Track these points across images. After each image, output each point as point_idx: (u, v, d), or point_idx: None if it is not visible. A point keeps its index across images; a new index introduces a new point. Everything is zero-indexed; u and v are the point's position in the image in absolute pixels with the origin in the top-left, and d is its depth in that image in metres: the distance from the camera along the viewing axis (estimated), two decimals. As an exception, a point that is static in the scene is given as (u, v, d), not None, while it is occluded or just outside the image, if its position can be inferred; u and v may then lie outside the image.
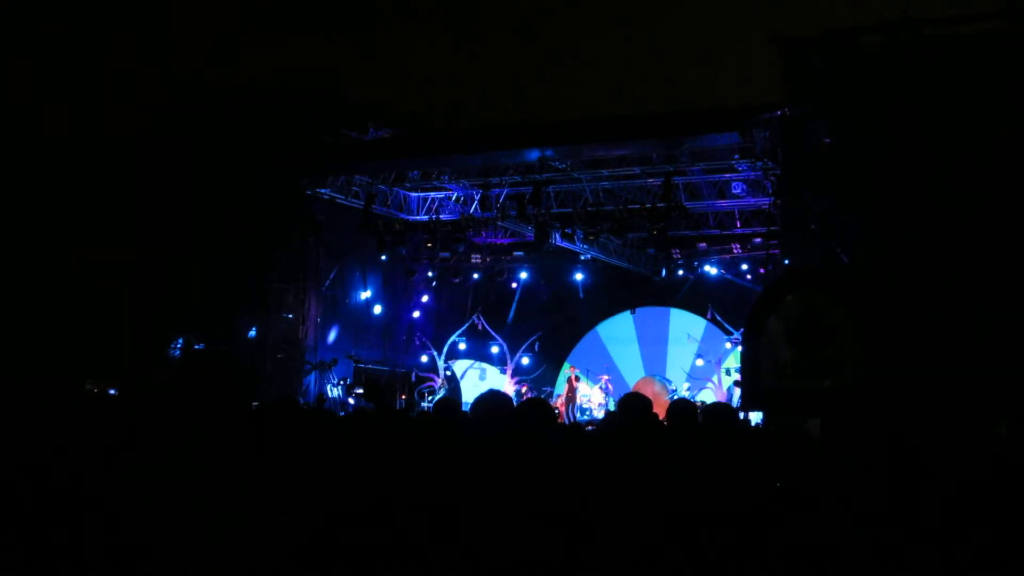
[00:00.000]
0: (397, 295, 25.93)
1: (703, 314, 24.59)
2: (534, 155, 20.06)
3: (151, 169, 21.17)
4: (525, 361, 25.94)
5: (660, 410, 6.31)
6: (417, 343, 26.31)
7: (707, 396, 23.10)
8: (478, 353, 26.52)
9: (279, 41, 22.81)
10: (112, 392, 16.50)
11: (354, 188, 22.49)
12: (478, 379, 26.11)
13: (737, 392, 21.07)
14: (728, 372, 23.27)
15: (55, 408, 6.90)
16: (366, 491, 5.56)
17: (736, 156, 19.13)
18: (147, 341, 20.26)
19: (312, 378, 22.51)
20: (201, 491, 4.38)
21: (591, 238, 22.34)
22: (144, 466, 4.43)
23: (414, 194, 23.78)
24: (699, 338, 24.78)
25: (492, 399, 5.31)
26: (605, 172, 20.74)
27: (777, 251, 18.39)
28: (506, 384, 25.06)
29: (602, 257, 24.10)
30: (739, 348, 21.57)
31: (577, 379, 24.06)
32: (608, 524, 4.46)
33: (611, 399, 23.38)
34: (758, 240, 22.40)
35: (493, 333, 26.18)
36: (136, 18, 20.89)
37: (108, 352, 19.66)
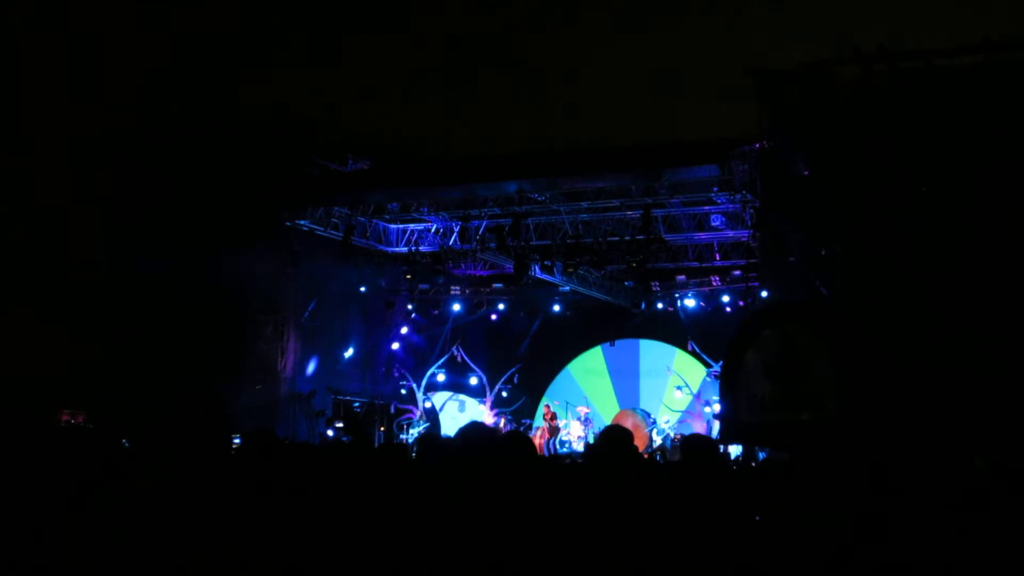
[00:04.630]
0: (376, 327, 25.88)
1: (682, 345, 24.62)
2: (513, 187, 20.10)
3: (126, 196, 21.10)
4: (504, 393, 25.89)
5: (639, 443, 6.29)
6: (396, 375, 26.23)
7: (687, 429, 23.08)
8: (457, 385, 26.47)
9: (257, 72, 22.79)
10: (86, 425, 16.34)
11: (333, 220, 22.45)
12: (457, 411, 26.03)
13: (717, 425, 21.08)
14: (708, 404, 23.29)
15: (25, 439, 6.79)
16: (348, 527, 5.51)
17: (715, 189, 19.18)
18: (122, 371, 20.09)
19: (291, 411, 22.41)
20: (177, 525, 4.32)
21: (570, 270, 22.36)
22: (119, 499, 4.36)
23: (393, 226, 23.76)
24: (676, 370, 24.81)
25: (476, 431, 5.28)
26: (584, 204, 20.77)
27: (756, 283, 18.47)
28: (485, 416, 24.97)
29: (581, 289, 24.13)
30: (718, 381, 21.59)
31: (554, 416, 23.83)
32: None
33: (590, 431, 23.33)
34: (737, 272, 22.50)
35: (472, 365, 26.14)
36: (110, 41, 20.83)
37: (82, 382, 19.51)
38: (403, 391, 26.01)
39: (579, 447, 22.89)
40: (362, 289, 23.60)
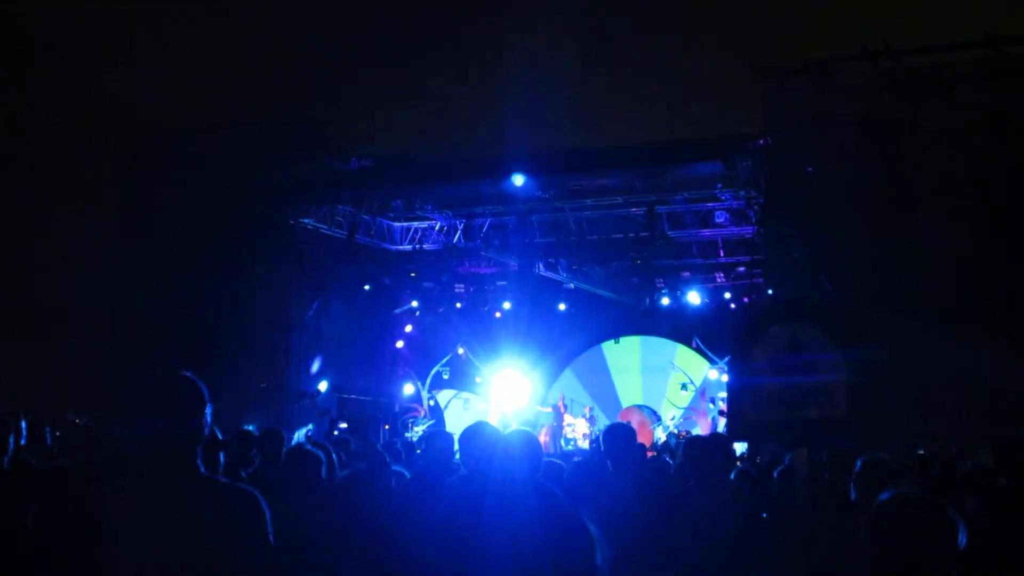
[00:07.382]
0: (380, 325, 25.84)
1: (686, 342, 24.55)
2: (518, 185, 20.10)
3: (133, 194, 21.13)
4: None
5: (644, 440, 6.29)
6: (401, 373, 26.19)
7: (692, 426, 23.05)
8: (462, 383, 26.41)
9: (263, 72, 22.84)
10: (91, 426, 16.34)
11: (337, 218, 22.44)
12: (462, 409, 25.99)
13: (722, 422, 21.04)
14: (713, 401, 23.23)
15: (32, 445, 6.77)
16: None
17: (719, 185, 19.15)
18: (124, 369, 20.08)
19: (296, 409, 22.40)
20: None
21: (575, 267, 22.34)
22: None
23: (397, 224, 23.75)
24: (680, 366, 24.75)
25: (482, 431, 5.28)
26: (589, 201, 20.74)
27: (761, 280, 18.46)
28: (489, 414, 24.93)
29: (586, 286, 24.08)
30: (724, 377, 21.57)
31: (564, 407, 23.89)
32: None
33: (595, 429, 23.29)
34: (742, 269, 22.45)
35: (477, 363, 26.09)
36: (120, 44, 20.89)
37: (85, 384, 19.53)
38: (408, 389, 25.97)
39: (584, 444, 22.89)
40: (367, 287, 23.57)
